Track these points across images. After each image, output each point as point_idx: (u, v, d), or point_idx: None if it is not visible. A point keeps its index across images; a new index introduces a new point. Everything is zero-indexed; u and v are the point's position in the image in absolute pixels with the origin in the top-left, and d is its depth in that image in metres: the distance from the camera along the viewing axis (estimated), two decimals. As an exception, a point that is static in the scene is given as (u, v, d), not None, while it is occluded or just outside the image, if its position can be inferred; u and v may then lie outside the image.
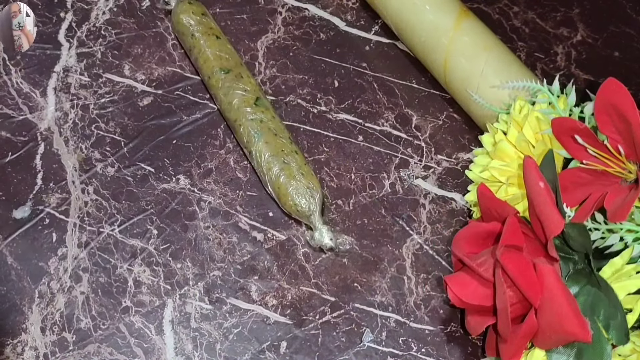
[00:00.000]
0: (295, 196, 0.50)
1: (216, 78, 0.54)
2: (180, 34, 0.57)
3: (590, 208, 0.43)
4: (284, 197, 0.50)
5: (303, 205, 0.50)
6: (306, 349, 0.49)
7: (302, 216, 0.51)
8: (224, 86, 0.54)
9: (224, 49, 0.56)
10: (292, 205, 0.50)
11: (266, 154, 0.52)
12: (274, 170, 0.51)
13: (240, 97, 0.53)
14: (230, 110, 0.54)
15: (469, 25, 0.55)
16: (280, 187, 0.51)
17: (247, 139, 0.52)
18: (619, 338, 0.41)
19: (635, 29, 0.63)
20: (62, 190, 0.53)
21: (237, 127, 0.53)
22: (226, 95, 0.54)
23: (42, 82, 0.57)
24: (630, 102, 0.42)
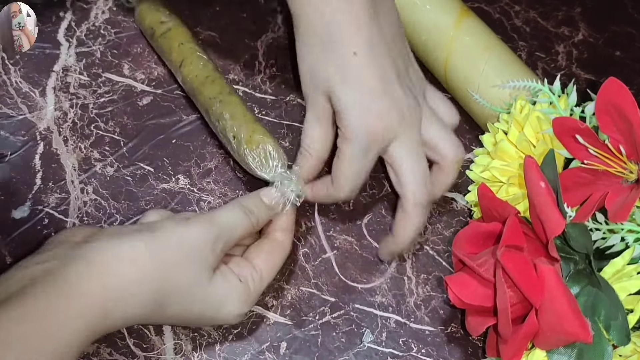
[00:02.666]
0: (269, 140, 0.49)
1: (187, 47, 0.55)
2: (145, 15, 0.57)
3: (591, 208, 0.43)
4: (257, 141, 0.49)
5: (273, 151, 0.49)
6: (306, 349, 0.49)
7: (271, 163, 0.49)
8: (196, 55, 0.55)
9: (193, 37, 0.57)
10: (263, 149, 0.49)
11: (238, 107, 0.51)
12: (248, 116, 0.51)
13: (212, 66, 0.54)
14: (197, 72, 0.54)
15: (469, 24, 0.55)
16: (254, 131, 0.50)
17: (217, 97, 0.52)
18: (620, 338, 0.41)
19: (636, 28, 0.63)
20: (62, 190, 0.53)
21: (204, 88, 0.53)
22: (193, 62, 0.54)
23: (41, 82, 0.57)
24: (631, 102, 0.42)
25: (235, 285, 0.44)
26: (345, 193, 0.49)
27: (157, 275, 0.41)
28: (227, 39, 0.60)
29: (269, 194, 0.48)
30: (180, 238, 0.42)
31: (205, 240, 0.43)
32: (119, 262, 0.40)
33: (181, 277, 0.42)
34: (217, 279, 0.43)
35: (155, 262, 0.41)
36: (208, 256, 0.43)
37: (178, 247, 0.42)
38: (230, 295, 0.44)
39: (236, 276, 0.44)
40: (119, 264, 0.40)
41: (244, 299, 0.45)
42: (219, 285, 0.44)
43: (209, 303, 0.43)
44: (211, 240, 0.43)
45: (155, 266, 0.41)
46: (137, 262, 0.41)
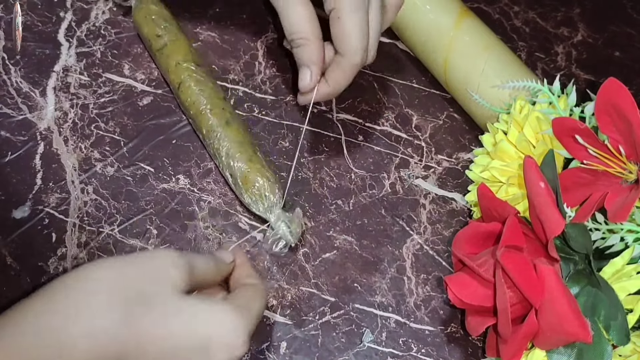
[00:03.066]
0: (263, 181, 0.50)
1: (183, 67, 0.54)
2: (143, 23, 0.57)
3: (591, 208, 0.43)
4: (252, 181, 0.50)
5: (269, 192, 0.50)
6: (306, 349, 0.49)
7: (266, 205, 0.50)
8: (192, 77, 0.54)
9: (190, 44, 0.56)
10: (258, 191, 0.50)
11: (234, 142, 0.51)
12: (244, 155, 0.51)
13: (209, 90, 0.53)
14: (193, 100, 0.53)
15: (469, 24, 0.55)
16: (249, 170, 0.50)
17: (212, 128, 0.52)
18: (620, 338, 0.41)
19: (636, 28, 0.63)
20: (62, 190, 0.53)
21: (200, 117, 0.53)
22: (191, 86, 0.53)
23: (41, 82, 0.57)
24: (630, 102, 0.42)
25: (218, 302, 0.41)
26: (358, 52, 0.46)
27: (116, 283, 0.38)
28: (227, 39, 0.60)
29: (221, 254, 0.47)
30: (141, 254, 0.41)
31: (165, 254, 0.41)
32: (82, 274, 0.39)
33: (143, 287, 0.39)
34: (193, 298, 0.40)
35: (114, 274, 0.39)
36: (169, 269, 0.40)
37: (138, 262, 0.40)
38: (219, 310, 0.40)
39: (218, 299, 0.42)
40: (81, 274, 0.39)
41: (238, 314, 0.40)
42: (198, 302, 0.40)
43: (190, 321, 0.39)
44: (172, 256, 0.41)
45: (113, 277, 0.39)
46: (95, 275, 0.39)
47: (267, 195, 0.50)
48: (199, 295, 0.43)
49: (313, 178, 0.55)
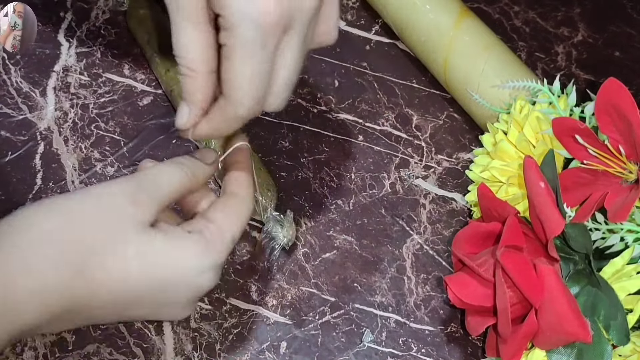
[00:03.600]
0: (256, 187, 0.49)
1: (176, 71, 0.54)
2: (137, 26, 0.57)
3: (591, 208, 0.43)
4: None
5: (260, 197, 0.49)
6: (306, 349, 0.49)
7: (258, 209, 0.50)
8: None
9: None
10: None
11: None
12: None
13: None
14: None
15: (469, 24, 0.55)
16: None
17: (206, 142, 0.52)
18: (620, 338, 0.41)
19: (636, 28, 0.63)
20: (62, 190, 0.53)
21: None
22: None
23: (41, 82, 0.57)
24: (630, 102, 0.42)
25: (181, 236, 0.37)
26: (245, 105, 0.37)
27: (66, 232, 0.34)
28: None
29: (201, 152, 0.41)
30: (91, 194, 0.36)
31: (121, 191, 0.36)
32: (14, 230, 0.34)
33: (98, 234, 0.35)
34: (155, 234, 0.36)
35: (62, 220, 0.35)
36: (127, 208, 0.35)
37: (90, 203, 0.35)
38: (179, 247, 0.36)
39: (181, 229, 0.37)
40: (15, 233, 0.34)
41: (202, 249, 0.37)
42: (159, 240, 0.36)
43: (149, 262, 0.35)
44: (130, 192, 0.36)
45: (62, 224, 0.34)
46: (41, 223, 0.34)
47: (259, 198, 0.49)
48: (164, 227, 0.37)
49: (313, 178, 0.55)
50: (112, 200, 0.36)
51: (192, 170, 0.39)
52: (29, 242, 0.34)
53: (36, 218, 0.35)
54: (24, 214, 0.35)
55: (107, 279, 0.35)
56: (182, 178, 0.38)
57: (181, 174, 0.38)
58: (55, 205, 0.35)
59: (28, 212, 0.35)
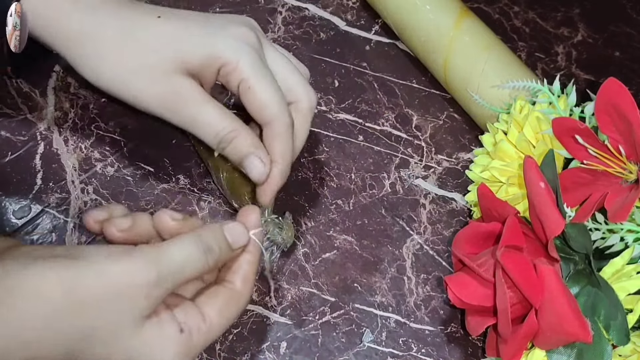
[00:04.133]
0: (249, 193, 0.49)
1: None
2: None
3: (591, 208, 0.43)
4: (238, 189, 0.50)
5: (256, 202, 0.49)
6: (306, 349, 0.49)
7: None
8: None
9: None
10: (247, 200, 0.49)
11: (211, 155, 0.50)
12: (229, 164, 0.50)
13: None
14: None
15: (469, 24, 0.55)
16: (234, 180, 0.50)
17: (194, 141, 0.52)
18: (620, 338, 0.41)
19: (635, 28, 0.63)
20: (62, 190, 0.53)
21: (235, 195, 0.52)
22: None
23: (41, 82, 0.57)
24: (630, 102, 0.42)
25: (172, 336, 0.36)
26: (285, 114, 0.42)
27: (69, 318, 0.33)
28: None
29: (234, 232, 0.39)
30: (105, 274, 0.34)
31: (139, 283, 0.34)
32: (21, 295, 0.32)
33: (101, 325, 0.34)
34: (150, 328, 0.35)
35: (69, 302, 0.33)
36: (140, 302, 0.34)
37: (101, 285, 0.34)
38: (164, 347, 0.36)
39: (177, 325, 0.36)
40: (22, 298, 0.32)
41: (183, 353, 0.36)
42: (151, 335, 0.35)
43: (135, 355, 0.35)
44: (148, 284, 0.34)
45: (68, 306, 0.33)
46: (45, 297, 0.33)
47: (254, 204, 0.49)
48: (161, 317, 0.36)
49: (313, 178, 0.55)
50: (125, 291, 0.34)
51: (216, 259, 0.38)
52: (36, 319, 0.33)
53: (51, 292, 0.33)
54: (37, 282, 0.33)
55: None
56: (203, 268, 0.37)
57: (205, 265, 0.37)
58: (69, 282, 0.33)
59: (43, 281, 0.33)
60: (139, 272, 0.34)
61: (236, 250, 0.39)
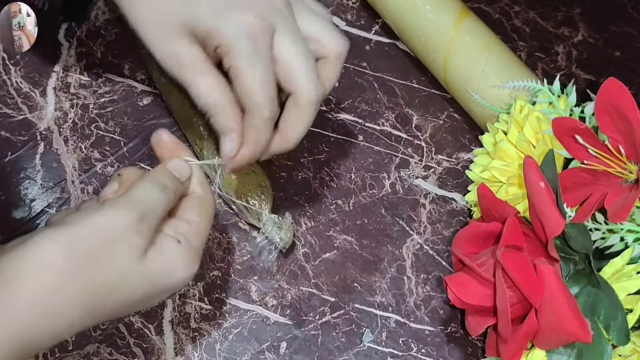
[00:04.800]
0: (247, 193, 0.50)
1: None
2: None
3: (591, 208, 0.43)
4: (235, 193, 0.50)
5: (255, 202, 0.49)
6: (306, 349, 0.49)
7: (252, 214, 0.50)
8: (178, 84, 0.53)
9: None
10: (244, 202, 0.50)
11: (207, 157, 0.51)
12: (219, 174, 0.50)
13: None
14: (182, 108, 0.53)
15: (469, 24, 0.55)
16: (231, 183, 0.50)
17: (198, 137, 0.52)
18: (620, 338, 0.41)
19: (636, 28, 0.63)
20: (62, 190, 0.53)
21: (188, 126, 0.53)
22: (179, 93, 0.53)
23: (41, 82, 0.57)
24: (631, 102, 0.42)
25: (174, 250, 0.39)
26: (265, 106, 0.42)
27: (77, 275, 0.35)
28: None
29: (175, 166, 0.42)
30: (96, 227, 0.37)
31: (126, 225, 0.37)
32: (25, 269, 0.34)
33: (109, 272, 0.36)
34: (154, 256, 0.38)
35: (71, 261, 0.35)
36: (134, 239, 0.37)
37: (96, 238, 0.36)
38: (174, 263, 0.39)
39: (174, 239, 0.39)
40: (27, 271, 0.34)
41: (191, 259, 0.40)
42: (158, 261, 0.38)
43: (152, 282, 0.38)
44: (134, 223, 0.37)
45: (71, 266, 0.35)
46: (48, 264, 0.35)
47: (252, 204, 0.50)
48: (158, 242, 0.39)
49: (313, 178, 0.55)
50: (119, 235, 0.37)
51: (174, 192, 0.41)
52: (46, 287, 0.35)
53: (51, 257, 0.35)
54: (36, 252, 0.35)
55: (113, 306, 0.37)
56: (168, 203, 0.40)
57: (168, 199, 0.40)
58: (65, 243, 0.36)
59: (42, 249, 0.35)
60: (122, 217, 0.37)
61: (185, 182, 0.42)
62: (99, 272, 0.36)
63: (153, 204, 0.39)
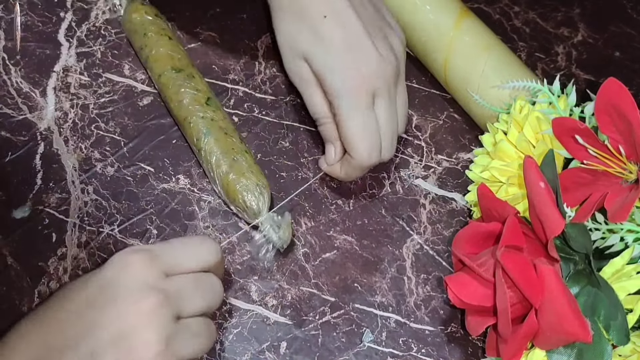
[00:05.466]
0: (245, 193, 0.50)
1: (167, 77, 0.54)
2: (131, 32, 0.56)
3: (591, 208, 0.43)
4: (233, 193, 0.50)
5: (252, 202, 0.50)
6: (306, 349, 0.49)
7: (250, 214, 0.50)
8: (175, 84, 0.53)
9: (176, 49, 0.55)
10: (241, 202, 0.50)
11: (216, 151, 0.51)
12: (223, 167, 0.51)
13: (191, 95, 0.53)
14: (180, 108, 0.53)
15: (469, 25, 0.55)
16: (229, 184, 0.50)
17: (196, 137, 0.52)
18: (620, 338, 0.41)
19: (635, 29, 0.63)
20: (62, 190, 0.53)
21: (186, 125, 0.53)
22: (176, 93, 0.53)
23: (41, 82, 0.57)
24: (630, 102, 0.42)
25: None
26: (362, 154, 0.49)
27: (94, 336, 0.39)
28: (227, 39, 0.60)
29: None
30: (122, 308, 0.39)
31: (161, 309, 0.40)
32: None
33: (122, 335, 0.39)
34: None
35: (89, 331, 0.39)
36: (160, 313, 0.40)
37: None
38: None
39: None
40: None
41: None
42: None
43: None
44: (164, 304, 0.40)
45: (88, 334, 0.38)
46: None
47: (250, 204, 0.50)
48: None
49: (313, 178, 0.55)
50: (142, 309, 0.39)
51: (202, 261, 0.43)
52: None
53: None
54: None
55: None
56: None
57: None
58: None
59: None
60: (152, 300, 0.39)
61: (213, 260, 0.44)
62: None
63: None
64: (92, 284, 0.40)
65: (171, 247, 0.42)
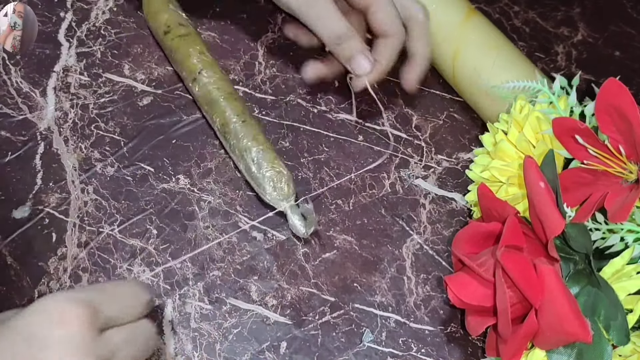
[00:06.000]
0: (285, 171, 0.51)
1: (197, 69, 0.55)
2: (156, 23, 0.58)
3: (591, 208, 0.43)
4: (272, 162, 0.51)
5: (286, 186, 0.51)
6: (306, 349, 0.49)
7: (281, 194, 0.51)
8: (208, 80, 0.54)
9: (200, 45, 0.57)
10: (278, 176, 0.51)
11: (256, 128, 0.52)
12: (253, 153, 0.51)
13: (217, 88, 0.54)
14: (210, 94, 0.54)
15: (476, 23, 0.55)
16: (271, 154, 0.51)
17: (222, 123, 0.53)
18: (620, 338, 0.41)
19: (635, 28, 0.63)
20: (62, 190, 0.53)
21: (215, 112, 0.53)
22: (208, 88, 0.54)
23: (41, 82, 0.57)
24: (630, 102, 0.42)
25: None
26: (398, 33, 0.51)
27: None
28: (227, 39, 0.60)
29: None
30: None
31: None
32: None
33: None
34: None
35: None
36: None
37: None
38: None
39: None
40: None
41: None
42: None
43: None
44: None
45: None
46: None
47: (285, 186, 0.51)
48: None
49: (313, 178, 0.55)
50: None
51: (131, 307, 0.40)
52: None
53: None
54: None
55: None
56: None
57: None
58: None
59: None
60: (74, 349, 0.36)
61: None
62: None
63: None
64: (19, 333, 0.36)
65: (109, 300, 0.39)
